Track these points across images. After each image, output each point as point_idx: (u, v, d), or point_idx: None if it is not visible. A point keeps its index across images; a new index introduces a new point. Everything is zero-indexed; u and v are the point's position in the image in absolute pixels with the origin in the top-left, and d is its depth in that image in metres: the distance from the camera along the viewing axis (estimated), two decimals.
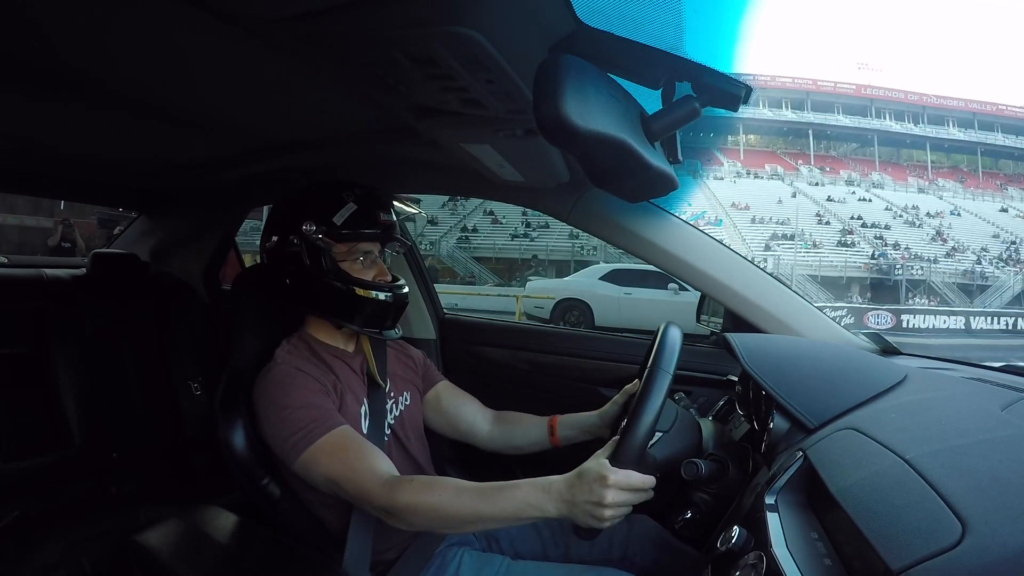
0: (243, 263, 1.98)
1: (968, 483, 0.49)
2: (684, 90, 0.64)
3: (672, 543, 0.93)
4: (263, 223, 0.96)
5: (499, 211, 22.49)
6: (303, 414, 0.81)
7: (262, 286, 0.98)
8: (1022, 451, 0.54)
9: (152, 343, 1.56)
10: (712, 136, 33.24)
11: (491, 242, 21.53)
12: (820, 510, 0.60)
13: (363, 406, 0.92)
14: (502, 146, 0.88)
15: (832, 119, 32.78)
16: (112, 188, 1.67)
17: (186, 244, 1.74)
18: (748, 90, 0.62)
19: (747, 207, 25.37)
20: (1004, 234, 23.92)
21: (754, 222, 24.23)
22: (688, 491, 0.84)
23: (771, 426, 0.78)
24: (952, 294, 19.16)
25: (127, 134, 1.11)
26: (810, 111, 32.87)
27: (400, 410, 0.99)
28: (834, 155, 33.69)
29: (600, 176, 0.71)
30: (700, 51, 0.61)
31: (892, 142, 33.22)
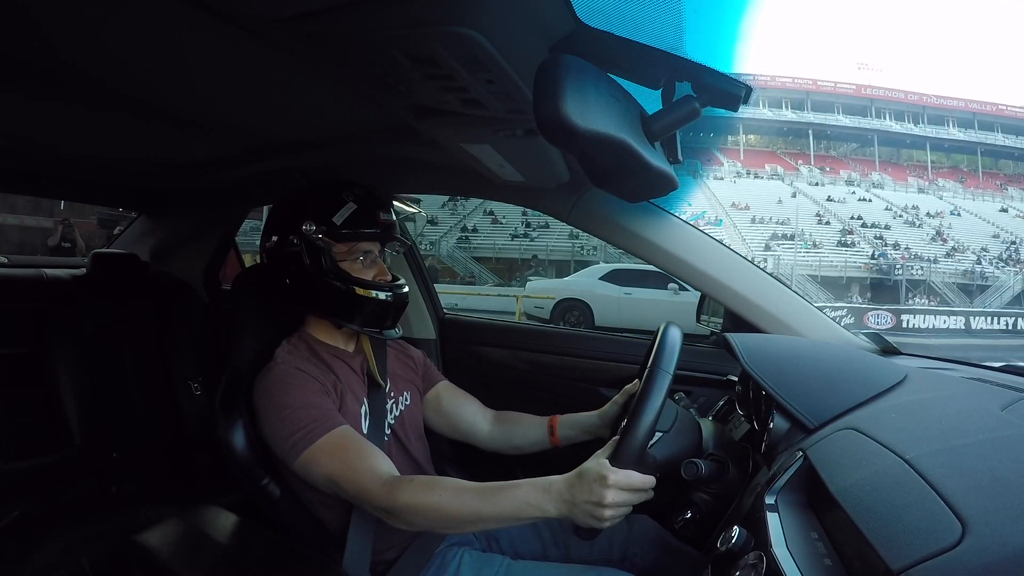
0: (243, 263, 1.98)
1: (968, 483, 0.49)
2: (684, 90, 0.64)
3: (672, 543, 0.93)
4: (263, 223, 0.96)
5: (499, 211, 22.48)
6: (303, 414, 0.81)
7: (262, 286, 0.98)
8: (1022, 451, 0.54)
9: (152, 343, 1.56)
10: (712, 136, 33.23)
11: (491, 242, 21.51)
12: (820, 510, 0.60)
13: (363, 406, 0.92)
14: (502, 146, 0.88)
15: (832, 119, 32.76)
16: (112, 188, 1.67)
17: (186, 244, 1.74)
18: (748, 90, 0.62)
19: (747, 207, 25.36)
20: (1004, 234, 23.91)
21: (754, 222, 24.22)
22: (688, 491, 0.84)
23: (771, 426, 0.78)
24: (952, 294, 19.16)
25: (127, 134, 1.11)
26: (810, 111, 32.85)
27: (400, 410, 0.99)
28: (834, 155, 33.68)
29: (600, 176, 0.71)
30: (700, 51, 0.61)
31: (892, 142, 33.21)
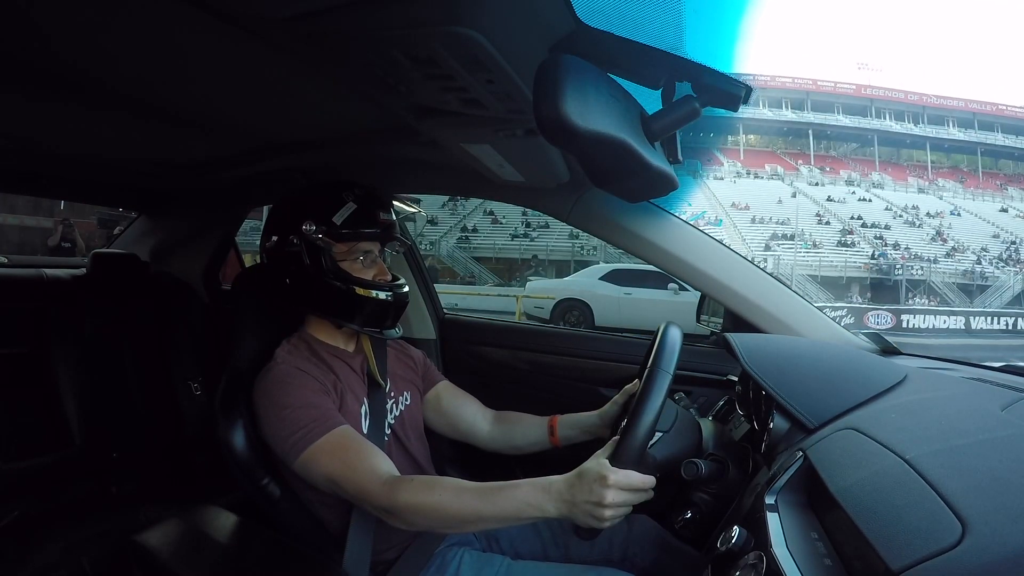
0: (243, 263, 1.98)
1: (968, 483, 0.49)
2: (684, 90, 0.64)
3: (672, 543, 0.93)
4: (263, 223, 0.96)
5: (499, 211, 22.47)
6: (303, 414, 0.81)
7: (262, 286, 0.98)
8: (1022, 451, 0.54)
9: (152, 343, 1.56)
10: (712, 136, 33.22)
11: (491, 242, 21.51)
12: (820, 510, 0.60)
13: (363, 406, 0.92)
14: (502, 146, 0.88)
15: (832, 119, 32.76)
16: (112, 188, 1.67)
17: (186, 244, 1.74)
18: (748, 90, 0.62)
19: (747, 207, 25.36)
20: (1004, 234, 23.90)
21: (754, 222, 24.22)
22: (688, 491, 0.84)
23: (771, 426, 0.78)
24: (952, 294, 19.15)
25: (127, 134, 1.11)
26: (810, 111, 32.84)
27: (400, 410, 0.99)
28: (834, 155, 33.67)
29: (600, 176, 0.71)
30: (700, 51, 0.61)
31: (892, 142, 33.20)
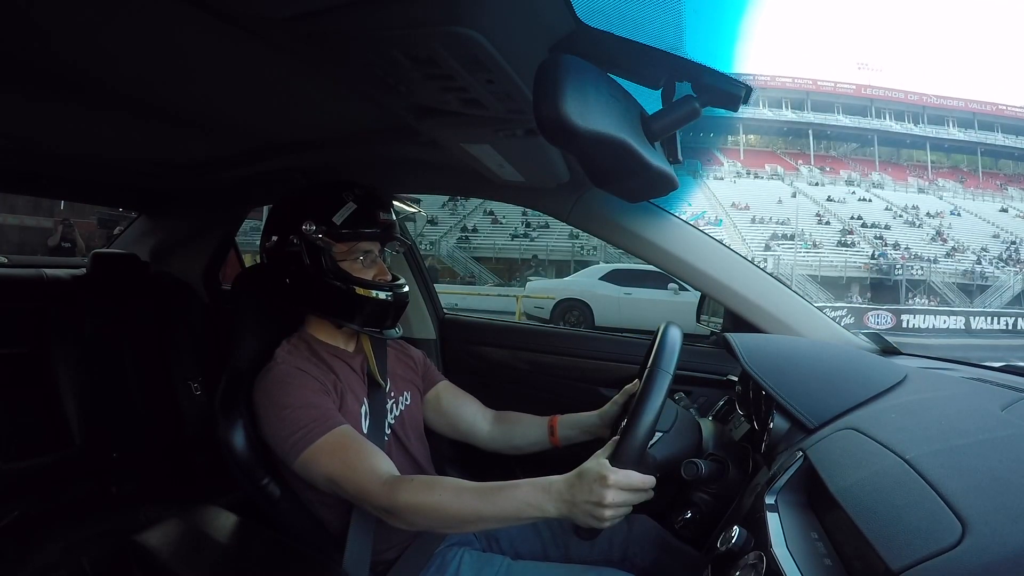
0: (243, 263, 1.98)
1: (968, 483, 0.49)
2: (684, 90, 0.64)
3: (672, 543, 0.93)
4: (263, 223, 0.96)
5: (499, 211, 22.47)
6: (303, 413, 0.81)
7: (262, 286, 0.98)
8: (1022, 451, 0.54)
9: (152, 343, 1.56)
10: (712, 136, 33.22)
11: (491, 242, 21.50)
12: (820, 510, 0.60)
13: (363, 406, 0.92)
14: (502, 146, 0.88)
15: (832, 119, 32.75)
16: (112, 188, 1.67)
17: (186, 244, 1.74)
18: (748, 90, 0.62)
19: (747, 207, 25.36)
20: (1004, 234, 23.90)
21: (754, 222, 24.21)
22: (688, 491, 0.84)
23: (771, 426, 0.78)
24: (952, 294, 19.15)
25: (127, 134, 1.11)
26: (810, 111, 32.84)
27: (400, 410, 0.99)
28: (834, 155, 33.67)
29: (600, 176, 0.71)
30: (700, 51, 0.61)
31: (892, 142, 33.20)
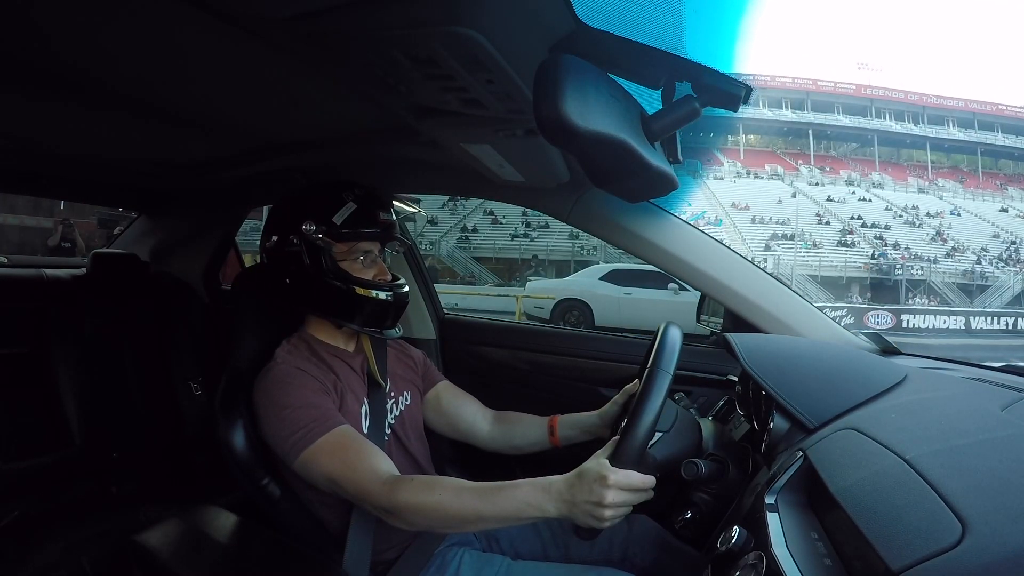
0: (243, 263, 1.98)
1: (968, 483, 0.49)
2: (684, 90, 0.64)
3: (672, 543, 0.93)
4: (263, 223, 0.96)
5: (499, 211, 22.46)
6: (303, 413, 0.81)
7: (262, 286, 0.98)
8: (1022, 451, 0.54)
9: (152, 343, 1.56)
10: (712, 136, 33.21)
11: (491, 242, 21.50)
12: (820, 510, 0.60)
13: (363, 406, 0.92)
14: (502, 146, 0.88)
15: (832, 119, 32.74)
16: (112, 188, 1.67)
17: (186, 244, 1.74)
18: (748, 90, 0.62)
19: (747, 207, 25.35)
20: (1004, 234, 23.89)
21: (754, 222, 24.21)
22: (688, 491, 0.84)
23: (771, 426, 0.78)
24: (952, 294, 19.15)
25: (127, 134, 1.11)
26: (810, 111, 32.83)
27: (400, 410, 0.99)
28: (834, 155, 33.66)
29: (600, 176, 0.71)
30: (700, 51, 0.61)
31: (892, 142, 33.19)
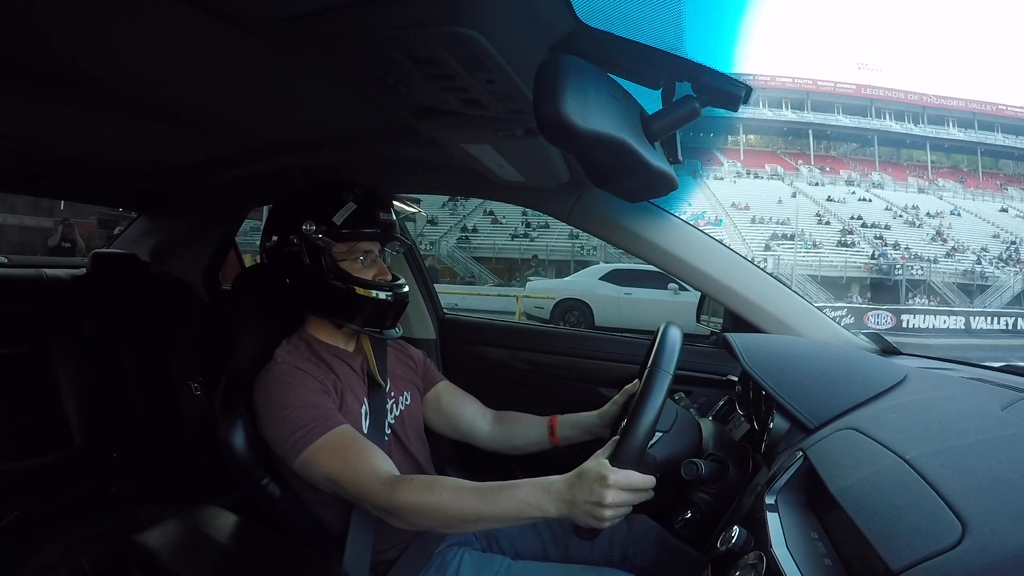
0: (243, 263, 1.98)
1: (968, 483, 0.49)
2: (684, 90, 0.64)
3: (672, 543, 0.93)
4: (263, 223, 0.96)
5: (499, 211, 22.46)
6: (303, 413, 0.81)
7: (262, 286, 0.98)
8: (1022, 451, 0.54)
9: (152, 343, 1.56)
10: (712, 136, 33.21)
11: (491, 242, 21.50)
12: (820, 510, 0.60)
13: (363, 406, 0.92)
14: (502, 146, 0.88)
15: (832, 119, 32.73)
16: (112, 188, 1.67)
17: (186, 244, 1.74)
18: (748, 90, 0.62)
19: (747, 207, 25.35)
20: (1004, 234, 23.89)
21: (754, 222, 24.21)
22: (688, 491, 0.84)
23: (771, 426, 0.78)
24: (952, 294, 19.15)
25: (127, 134, 1.11)
26: (810, 111, 32.82)
27: (400, 410, 0.99)
28: (834, 155, 33.66)
29: (600, 176, 0.71)
30: (700, 51, 0.61)
31: (892, 142, 33.18)
